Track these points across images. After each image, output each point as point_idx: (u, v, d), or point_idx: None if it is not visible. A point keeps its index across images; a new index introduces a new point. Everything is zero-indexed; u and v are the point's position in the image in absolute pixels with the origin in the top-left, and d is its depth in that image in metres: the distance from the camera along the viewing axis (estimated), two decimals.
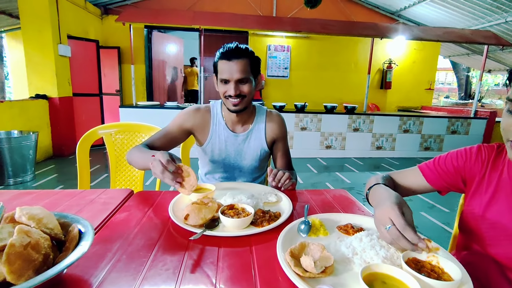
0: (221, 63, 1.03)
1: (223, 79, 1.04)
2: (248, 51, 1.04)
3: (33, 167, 3.33)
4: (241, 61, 1.01)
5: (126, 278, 0.53)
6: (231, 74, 1.02)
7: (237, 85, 1.03)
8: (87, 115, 4.91)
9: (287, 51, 5.89)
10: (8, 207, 0.80)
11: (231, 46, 1.02)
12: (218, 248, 0.64)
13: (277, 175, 0.95)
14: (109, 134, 1.51)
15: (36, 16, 3.95)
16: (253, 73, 1.06)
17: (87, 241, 0.51)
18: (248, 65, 1.03)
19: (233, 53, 1.01)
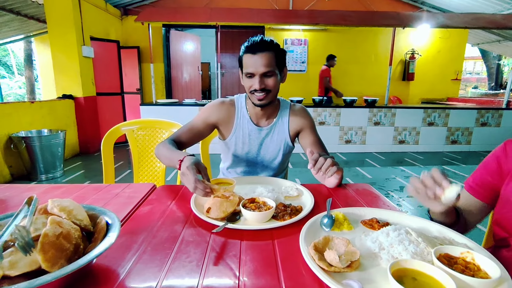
0: (246, 57, 1.02)
1: (248, 73, 1.03)
2: (273, 43, 1.02)
3: (62, 164, 3.51)
4: (265, 54, 0.99)
5: (151, 270, 0.54)
6: (256, 68, 1.01)
7: (262, 79, 1.02)
8: (110, 113, 5.09)
9: (304, 44, 5.79)
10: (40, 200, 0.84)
11: (255, 40, 1.01)
12: (240, 241, 0.64)
13: (318, 161, 0.84)
14: (131, 131, 1.56)
15: (61, 20, 4.13)
16: (278, 66, 1.04)
17: (114, 232, 0.53)
18: (273, 58, 1.01)
19: (257, 47, 0.99)
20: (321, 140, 1.19)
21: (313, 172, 0.87)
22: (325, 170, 0.84)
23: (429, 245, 0.58)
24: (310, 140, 1.17)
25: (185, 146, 1.14)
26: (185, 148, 1.14)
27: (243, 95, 1.21)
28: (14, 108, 3.47)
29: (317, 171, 0.85)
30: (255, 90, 1.04)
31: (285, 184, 0.95)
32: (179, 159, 0.85)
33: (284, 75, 1.11)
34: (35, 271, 0.44)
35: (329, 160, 0.85)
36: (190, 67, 6.54)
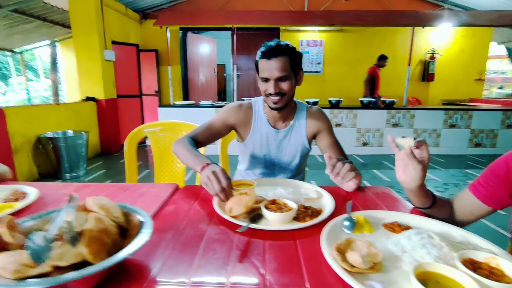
0: (261, 62, 1.05)
1: (263, 78, 1.06)
2: (288, 48, 1.04)
3: (85, 163, 3.67)
4: (280, 59, 1.02)
5: (181, 265, 0.57)
6: (271, 72, 1.03)
7: (277, 83, 1.04)
8: (129, 115, 5.26)
9: (320, 45, 5.76)
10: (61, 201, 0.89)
11: (271, 45, 1.03)
12: (263, 241, 0.66)
13: (336, 166, 0.87)
14: (153, 132, 1.62)
15: (85, 25, 4.31)
16: (293, 70, 1.06)
17: (148, 229, 0.56)
18: (288, 63, 1.03)
19: (272, 52, 1.02)
20: (338, 142, 1.20)
21: (331, 177, 0.89)
22: (344, 175, 0.85)
23: (453, 249, 0.58)
24: (327, 142, 1.18)
25: (201, 144, 1.17)
26: (201, 146, 1.18)
27: (260, 98, 1.23)
28: (43, 110, 3.66)
29: (335, 176, 0.86)
30: (270, 94, 1.07)
31: (305, 186, 0.97)
32: (202, 164, 0.88)
33: (300, 78, 1.13)
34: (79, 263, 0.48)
35: (347, 165, 0.86)
36: (206, 69, 6.65)
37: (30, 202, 0.84)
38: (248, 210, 0.75)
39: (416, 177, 0.74)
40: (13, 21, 4.96)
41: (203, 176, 0.84)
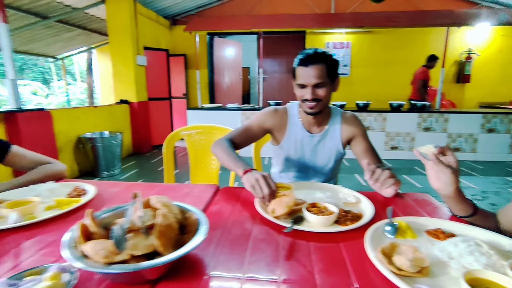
0: (299, 69, 1.08)
1: (300, 84, 1.09)
2: (325, 56, 1.07)
3: (119, 163, 3.88)
4: (318, 66, 1.05)
5: (234, 261, 0.62)
6: (308, 79, 1.06)
7: (314, 89, 1.08)
8: (159, 116, 5.49)
9: (347, 47, 5.67)
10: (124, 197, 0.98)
11: (308, 53, 1.07)
12: (307, 242, 0.70)
13: (376, 172, 0.89)
14: (189, 135, 1.70)
15: (120, 33, 4.58)
16: (330, 77, 1.09)
17: (205, 226, 0.62)
18: (325, 70, 1.06)
19: (310, 59, 1.05)
20: (373, 147, 1.21)
21: (370, 182, 0.90)
22: (383, 181, 0.87)
23: (502, 258, 0.58)
24: (362, 147, 1.19)
25: (239, 146, 1.22)
26: (239, 148, 1.23)
27: (295, 103, 1.27)
28: (82, 112, 3.93)
29: (374, 182, 0.88)
30: (307, 100, 1.10)
31: (342, 191, 0.99)
32: (245, 168, 0.93)
33: (336, 84, 1.15)
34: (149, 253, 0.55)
35: (387, 171, 0.88)
36: (231, 72, 6.78)
37: (91, 198, 0.93)
38: (289, 211, 0.79)
39: (448, 182, 0.74)
40: (57, 30, 5.38)
41: (250, 179, 0.88)
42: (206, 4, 5.83)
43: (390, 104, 4.30)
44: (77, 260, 0.49)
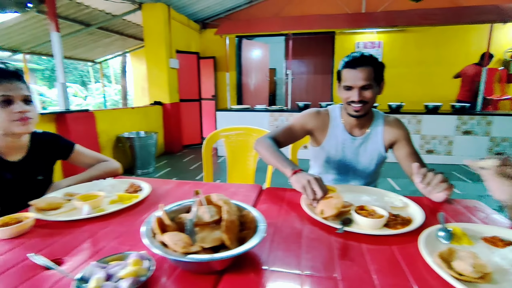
0: (345, 71, 1.10)
1: (346, 86, 1.11)
2: (372, 59, 1.08)
3: (154, 161, 4.08)
4: (365, 69, 1.06)
5: (290, 258, 0.65)
6: (355, 81, 1.08)
7: (360, 91, 1.09)
8: (189, 117, 5.69)
9: (378, 47, 5.51)
10: (176, 194, 1.05)
11: (356, 55, 1.08)
12: (358, 244, 0.71)
13: (427, 175, 0.88)
14: (227, 136, 1.76)
15: (155, 37, 4.80)
16: (376, 80, 1.10)
17: (263, 224, 0.66)
18: (372, 73, 1.07)
19: (357, 62, 1.07)
20: (417, 151, 1.19)
21: (420, 186, 0.90)
22: (435, 186, 0.86)
23: None
24: (405, 152, 1.17)
25: (281, 145, 1.23)
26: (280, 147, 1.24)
27: (337, 105, 1.28)
28: (120, 113, 4.18)
29: (425, 186, 0.87)
30: (353, 102, 1.11)
31: (388, 195, 0.99)
32: (294, 169, 0.96)
33: (381, 87, 1.15)
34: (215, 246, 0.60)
35: (439, 175, 0.87)
36: (259, 74, 6.85)
37: (147, 194, 1.01)
38: (338, 212, 0.81)
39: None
40: (98, 36, 5.77)
41: (301, 180, 0.90)
42: (235, 7, 5.95)
43: (425, 105, 4.12)
44: (158, 249, 0.55)
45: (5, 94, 0.95)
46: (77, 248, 0.70)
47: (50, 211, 0.89)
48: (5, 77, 0.97)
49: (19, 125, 0.97)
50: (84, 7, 4.35)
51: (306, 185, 0.88)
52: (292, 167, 0.98)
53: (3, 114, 0.95)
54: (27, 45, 5.35)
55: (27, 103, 1.01)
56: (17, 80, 0.99)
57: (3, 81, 0.96)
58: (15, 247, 0.71)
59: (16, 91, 0.97)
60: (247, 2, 5.81)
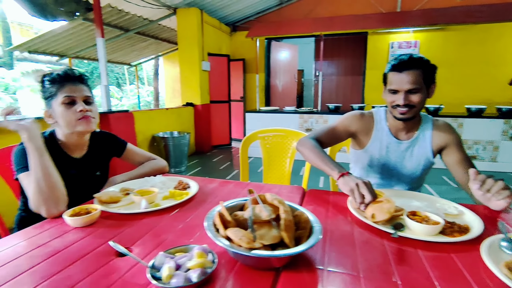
0: (391, 74, 1.08)
1: (392, 89, 1.08)
2: (422, 61, 1.04)
3: (186, 160, 4.23)
4: (413, 72, 1.03)
5: (346, 260, 0.66)
6: (401, 85, 1.05)
7: (407, 95, 1.06)
8: (219, 118, 5.82)
9: (414, 47, 5.28)
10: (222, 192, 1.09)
11: (403, 58, 1.05)
12: (415, 250, 0.70)
13: (487, 182, 0.84)
14: (263, 138, 1.79)
15: (189, 41, 4.98)
16: (425, 83, 1.06)
17: (318, 224, 0.67)
18: (421, 76, 1.04)
19: (404, 65, 1.04)
20: (468, 157, 1.13)
21: (478, 193, 0.86)
22: (495, 193, 0.82)
23: None
24: (456, 157, 1.12)
25: (323, 146, 1.22)
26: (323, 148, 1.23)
27: (382, 108, 1.25)
28: (156, 113, 4.38)
29: (484, 193, 0.83)
30: (398, 105, 1.08)
31: (440, 201, 0.95)
32: (341, 171, 0.96)
33: (431, 91, 1.11)
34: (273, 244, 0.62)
35: (500, 182, 0.83)
36: (287, 75, 6.84)
37: (196, 191, 1.07)
38: (390, 217, 0.80)
39: None
40: (134, 40, 6.09)
41: (349, 183, 0.90)
42: (265, 9, 5.99)
43: (467, 108, 3.87)
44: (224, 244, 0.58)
45: (69, 95, 1.04)
46: (142, 239, 0.75)
47: (111, 204, 0.96)
48: (69, 81, 1.06)
49: (81, 124, 1.06)
50: (125, 14, 4.61)
51: (355, 188, 0.88)
52: (339, 169, 0.98)
53: (68, 113, 1.04)
54: (73, 50, 5.78)
55: (88, 103, 1.10)
56: (80, 83, 1.09)
57: (67, 84, 1.05)
58: (87, 235, 0.78)
59: (78, 93, 1.06)
60: (277, 4, 5.83)
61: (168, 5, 4.75)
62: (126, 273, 0.61)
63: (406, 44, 5.31)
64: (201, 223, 0.84)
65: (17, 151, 1.00)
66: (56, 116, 1.05)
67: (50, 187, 0.90)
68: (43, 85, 1.06)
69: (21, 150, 0.98)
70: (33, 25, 11.30)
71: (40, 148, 0.92)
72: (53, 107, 1.05)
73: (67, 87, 1.05)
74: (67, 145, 1.12)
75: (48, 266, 0.64)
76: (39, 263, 0.65)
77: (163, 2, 4.61)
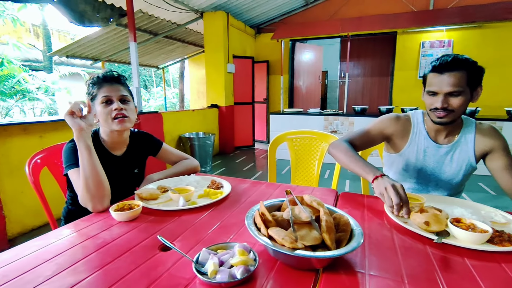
0: (431, 75, 1.04)
1: (430, 91, 1.04)
2: (467, 62, 0.98)
3: (210, 161, 4.31)
4: (455, 74, 0.98)
5: (388, 265, 0.64)
6: (440, 87, 1.01)
7: (446, 98, 1.01)
8: (242, 120, 5.87)
9: (448, 46, 5.02)
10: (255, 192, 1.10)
11: (445, 59, 1.00)
12: (461, 258, 0.67)
13: None
14: (291, 139, 1.79)
15: (215, 43, 5.08)
16: (469, 86, 1.00)
17: (359, 228, 0.66)
18: (464, 78, 0.98)
19: (446, 66, 0.99)
20: None
21: None
22: None
23: None
24: (502, 163, 1.06)
25: (357, 149, 1.20)
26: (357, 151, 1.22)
27: (419, 111, 1.21)
28: (182, 115, 4.51)
29: None
30: (436, 109, 1.04)
31: (485, 209, 0.91)
32: (375, 174, 0.94)
33: (476, 94, 1.04)
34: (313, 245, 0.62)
35: None
36: (311, 77, 6.77)
37: (230, 191, 1.09)
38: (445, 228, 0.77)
39: None
40: (162, 44, 6.31)
41: (380, 186, 0.89)
42: (290, 11, 5.98)
43: (507, 111, 3.62)
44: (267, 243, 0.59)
45: (106, 95, 1.10)
46: (182, 235, 0.78)
47: (150, 201, 1.01)
48: (107, 81, 1.13)
49: (116, 123, 1.11)
50: (154, 19, 4.80)
51: (384, 192, 0.86)
52: (374, 172, 0.96)
53: (105, 111, 1.10)
54: (106, 54, 6.11)
55: (124, 102, 1.15)
56: (117, 83, 1.15)
57: (105, 84, 1.12)
58: (131, 229, 0.83)
59: (115, 92, 1.12)
60: (302, 5, 5.80)
61: (195, 9, 4.89)
62: (171, 267, 0.64)
63: (439, 43, 5.07)
64: (237, 222, 0.86)
65: (67, 149, 1.07)
66: (97, 115, 1.12)
67: (97, 184, 0.96)
68: (88, 87, 1.13)
69: (70, 148, 1.06)
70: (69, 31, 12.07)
71: (89, 147, 0.99)
72: (95, 106, 1.12)
73: (105, 87, 1.11)
74: (109, 143, 1.19)
75: (100, 256, 0.68)
76: (92, 253, 0.70)
77: (191, 6, 4.75)
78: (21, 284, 0.59)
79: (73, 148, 1.04)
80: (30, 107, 8.73)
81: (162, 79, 9.09)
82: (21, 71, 8.35)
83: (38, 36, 10.71)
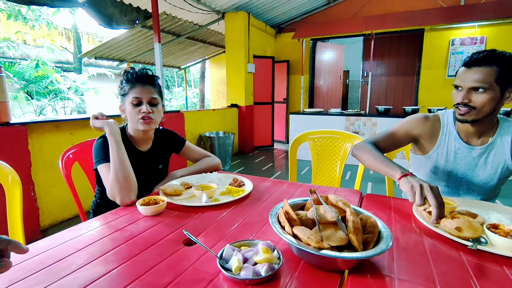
0: (460, 70, 0.99)
1: (455, 85, 1.00)
2: (500, 58, 0.92)
3: (230, 160, 4.35)
4: (482, 69, 0.92)
5: (419, 270, 0.62)
6: (464, 81, 0.96)
7: (469, 93, 0.96)
8: (262, 120, 5.87)
9: (480, 43, 4.75)
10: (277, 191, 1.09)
11: (478, 54, 0.95)
12: (500, 266, 0.63)
13: None
14: (313, 139, 1.76)
15: (235, 44, 5.12)
16: (499, 84, 0.93)
17: (387, 230, 0.64)
18: (493, 74, 0.92)
19: (476, 61, 0.94)
20: None
21: None
22: None
23: None
24: None
25: (382, 151, 1.16)
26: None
27: (450, 111, 1.15)
28: (203, 114, 4.58)
29: None
30: (458, 104, 0.99)
31: None
32: (403, 172, 0.91)
33: (510, 94, 0.97)
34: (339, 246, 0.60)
35: None
36: (332, 76, 6.64)
37: (251, 189, 1.09)
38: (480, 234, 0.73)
39: None
40: (184, 45, 6.45)
41: (406, 185, 0.86)
42: (311, 10, 5.91)
43: None
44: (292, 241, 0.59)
45: (136, 97, 1.14)
46: (206, 231, 0.79)
47: (174, 197, 1.03)
48: (139, 81, 1.16)
49: (142, 123, 1.14)
50: (178, 20, 4.92)
51: (417, 188, 0.82)
52: (401, 170, 0.92)
53: (134, 112, 1.14)
54: (131, 55, 6.33)
55: (153, 105, 1.18)
56: (149, 85, 1.18)
57: (137, 84, 1.15)
58: (157, 223, 0.85)
59: (145, 94, 1.15)
60: (324, 3, 5.71)
61: (217, 10, 4.95)
62: (196, 262, 0.65)
63: (470, 40, 4.80)
64: (259, 220, 0.86)
65: (96, 145, 1.12)
66: (126, 112, 1.16)
67: (125, 177, 1.00)
68: (121, 82, 1.17)
69: (100, 144, 1.10)
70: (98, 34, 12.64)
71: (119, 142, 1.03)
72: (125, 103, 1.16)
73: (137, 88, 1.14)
74: (135, 139, 1.23)
75: (128, 248, 0.71)
76: (120, 244, 0.72)
77: (213, 7, 4.81)
78: (55, 271, 0.62)
79: (102, 144, 1.09)
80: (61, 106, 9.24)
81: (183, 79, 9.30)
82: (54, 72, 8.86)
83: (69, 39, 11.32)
